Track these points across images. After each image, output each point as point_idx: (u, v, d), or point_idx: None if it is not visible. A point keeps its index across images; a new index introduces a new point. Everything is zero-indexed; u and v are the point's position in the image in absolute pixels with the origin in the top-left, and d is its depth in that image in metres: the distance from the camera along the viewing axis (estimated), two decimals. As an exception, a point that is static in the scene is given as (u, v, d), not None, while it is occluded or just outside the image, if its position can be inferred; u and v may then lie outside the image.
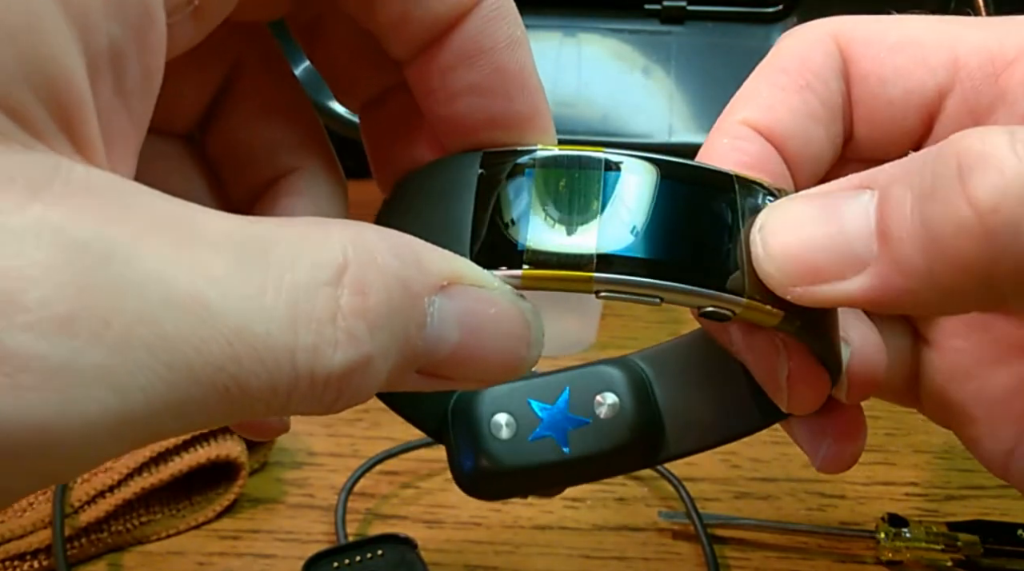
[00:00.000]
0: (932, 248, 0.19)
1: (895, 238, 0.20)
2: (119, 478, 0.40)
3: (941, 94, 0.26)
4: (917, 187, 0.19)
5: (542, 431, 0.30)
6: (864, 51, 0.27)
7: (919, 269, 0.19)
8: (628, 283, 0.21)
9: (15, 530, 0.38)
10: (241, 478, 0.42)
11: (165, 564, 0.40)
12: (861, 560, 0.40)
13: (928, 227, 0.19)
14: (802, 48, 0.27)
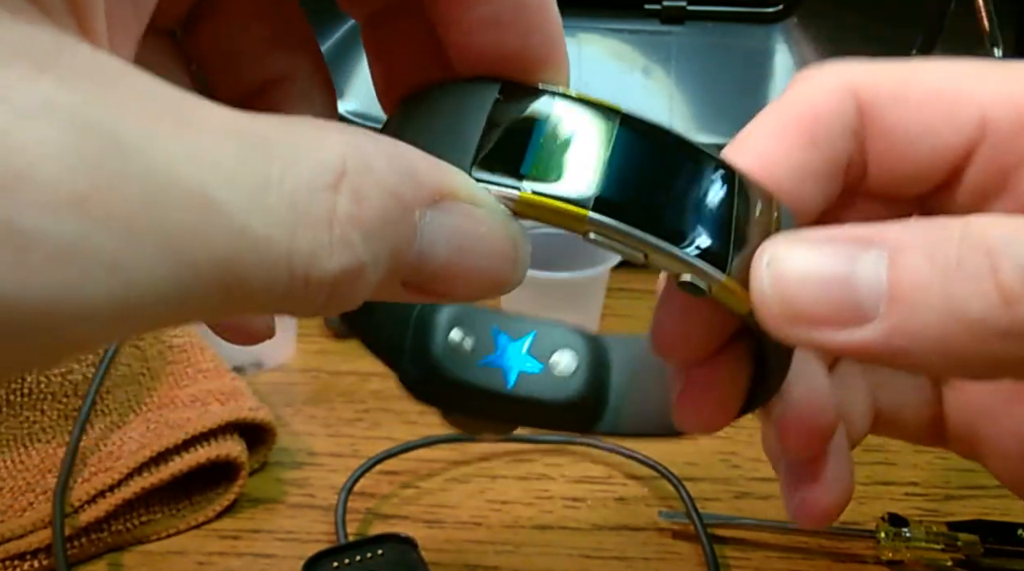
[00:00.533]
0: (953, 324, 0.20)
1: (909, 304, 0.20)
2: (119, 477, 0.40)
3: (969, 151, 0.25)
4: (940, 263, 0.20)
5: (494, 360, 0.30)
6: (889, 107, 0.26)
7: (930, 339, 0.20)
8: (619, 231, 0.21)
9: (15, 530, 0.38)
10: (241, 478, 0.42)
11: (165, 564, 0.40)
12: (861, 560, 0.40)
13: (952, 305, 0.20)
14: (817, 100, 0.26)
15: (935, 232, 0.20)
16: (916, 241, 0.20)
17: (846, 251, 0.21)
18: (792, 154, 0.25)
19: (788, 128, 0.26)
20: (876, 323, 0.20)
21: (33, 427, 0.41)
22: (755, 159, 0.25)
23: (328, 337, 0.55)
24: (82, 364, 0.42)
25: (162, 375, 0.45)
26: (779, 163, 0.26)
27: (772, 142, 0.26)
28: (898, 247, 0.21)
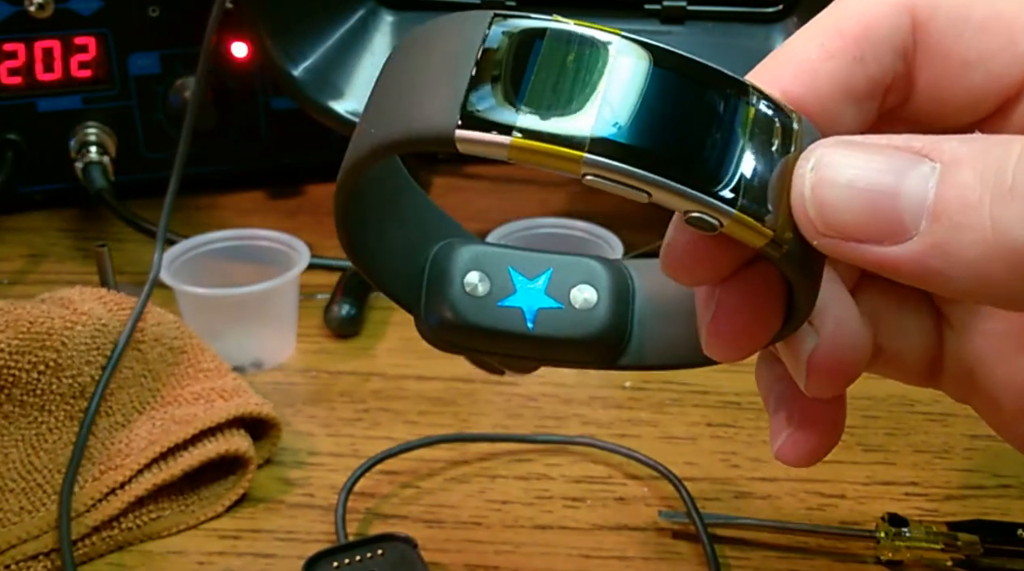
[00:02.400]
0: (995, 249, 0.19)
1: (953, 224, 0.19)
2: (130, 475, 0.40)
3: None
4: (991, 182, 0.19)
5: (513, 301, 0.29)
6: (947, 28, 0.24)
7: (967, 261, 0.19)
8: (618, 170, 0.21)
9: (31, 530, 0.39)
10: (250, 471, 0.43)
11: (165, 563, 0.40)
12: (861, 560, 0.40)
13: (997, 229, 0.19)
14: (871, 13, 0.25)
15: (994, 149, 0.20)
16: (973, 157, 0.20)
17: (899, 161, 0.20)
18: (835, 69, 0.24)
19: (834, 40, 0.25)
20: (916, 240, 0.20)
21: (40, 428, 0.41)
22: (795, 71, 0.24)
23: (328, 337, 0.55)
24: (91, 366, 0.42)
25: (164, 376, 0.45)
26: (820, 77, 0.24)
27: (816, 54, 0.25)
28: (953, 162, 0.20)
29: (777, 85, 0.24)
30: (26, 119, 0.65)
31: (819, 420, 0.27)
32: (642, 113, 0.21)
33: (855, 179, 0.20)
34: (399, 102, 0.23)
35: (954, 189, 0.19)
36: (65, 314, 0.42)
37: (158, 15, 0.66)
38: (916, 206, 0.20)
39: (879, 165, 0.20)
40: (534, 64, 0.21)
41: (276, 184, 0.73)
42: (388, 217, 0.30)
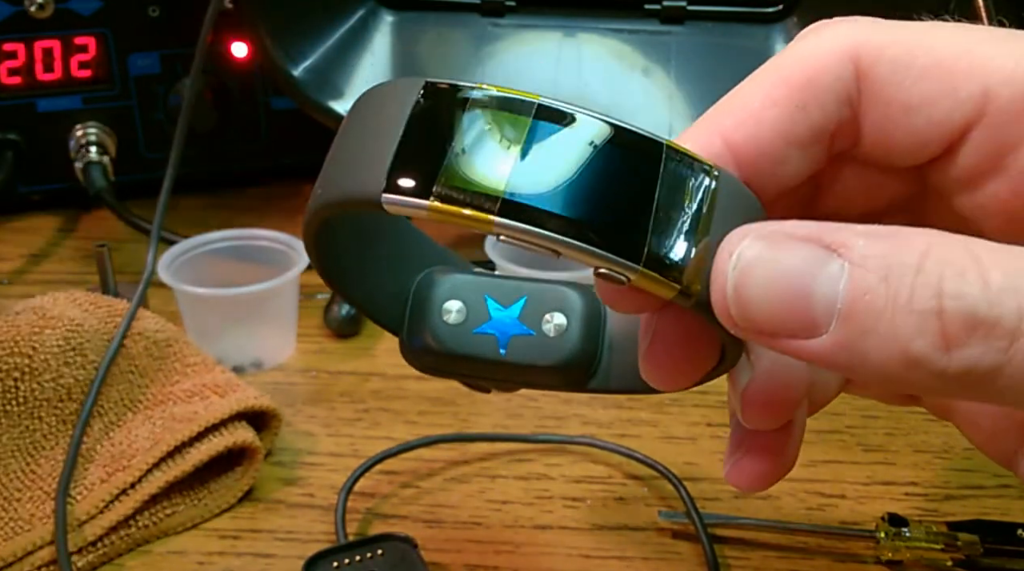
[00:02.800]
0: (897, 357, 0.21)
1: (860, 329, 0.21)
2: (139, 475, 0.41)
3: (967, 126, 0.25)
4: (894, 291, 0.20)
5: (487, 328, 0.31)
6: (890, 76, 0.25)
7: (873, 362, 0.21)
8: (526, 232, 0.22)
9: (44, 536, 0.39)
10: (257, 462, 0.43)
11: (165, 563, 0.40)
12: (861, 560, 0.40)
13: (899, 339, 0.20)
14: (814, 62, 0.25)
15: (896, 254, 0.21)
16: (877, 261, 0.21)
17: (812, 258, 0.21)
18: (778, 117, 0.25)
19: (778, 89, 0.25)
20: (827, 337, 0.21)
21: (35, 435, 0.42)
22: (738, 120, 0.25)
23: (328, 337, 0.55)
24: (71, 367, 0.42)
25: (151, 371, 0.45)
26: (762, 125, 0.25)
27: (759, 103, 0.25)
28: (860, 263, 0.21)
29: (719, 132, 0.25)
30: (26, 119, 0.65)
31: (766, 448, 0.28)
32: (555, 176, 0.22)
33: (772, 281, 0.22)
34: (340, 166, 0.25)
35: (860, 295, 0.21)
36: (33, 320, 0.42)
37: (158, 15, 0.66)
38: (827, 307, 0.21)
39: (794, 264, 0.21)
40: (456, 130, 0.23)
41: (276, 184, 0.73)
42: (368, 247, 0.31)
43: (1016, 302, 0.20)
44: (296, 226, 0.65)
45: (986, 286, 0.20)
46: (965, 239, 0.21)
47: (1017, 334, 0.20)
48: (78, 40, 0.65)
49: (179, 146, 0.58)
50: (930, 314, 0.20)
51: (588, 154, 0.23)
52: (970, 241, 0.21)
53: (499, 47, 0.62)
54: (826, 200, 0.29)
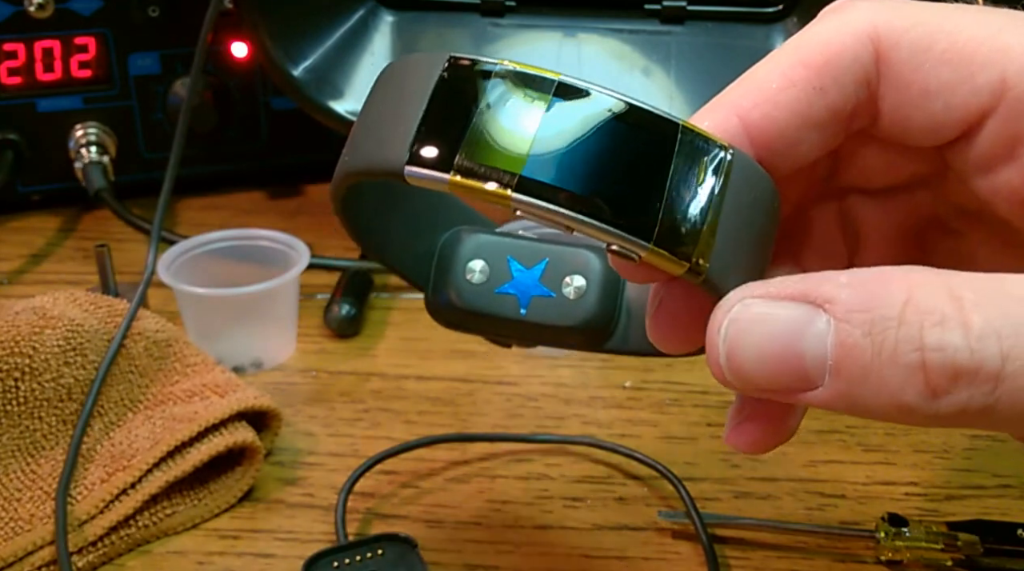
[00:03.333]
0: (890, 403, 0.21)
1: (851, 382, 0.22)
2: (139, 475, 0.41)
3: (984, 114, 0.25)
4: (879, 345, 0.21)
5: (509, 288, 0.33)
6: (909, 60, 0.25)
7: (871, 408, 0.22)
8: (541, 208, 0.23)
9: (44, 536, 0.39)
10: (257, 461, 0.43)
11: (165, 564, 0.40)
12: (861, 560, 0.40)
13: (888, 389, 0.21)
14: (833, 44, 0.25)
15: (878, 307, 0.21)
16: (860, 316, 0.21)
17: (799, 317, 0.22)
18: (795, 98, 0.25)
19: (796, 70, 0.25)
20: (823, 390, 0.22)
21: (35, 435, 0.42)
22: (756, 100, 0.25)
23: (328, 337, 0.55)
24: (71, 367, 0.42)
25: (151, 372, 0.45)
26: (779, 106, 0.25)
27: (777, 84, 0.25)
28: (844, 317, 0.22)
29: (736, 113, 0.25)
30: (26, 119, 0.65)
31: (768, 415, 0.28)
32: (571, 153, 0.23)
33: (762, 345, 0.22)
34: (365, 136, 0.25)
35: (847, 351, 0.22)
36: (33, 320, 0.42)
37: (158, 15, 0.66)
38: (818, 365, 0.22)
39: (782, 324, 0.22)
40: (477, 105, 0.23)
41: (276, 184, 0.73)
42: (395, 208, 0.32)
43: (997, 347, 0.20)
44: (296, 226, 0.65)
45: (967, 333, 0.21)
46: (948, 279, 0.22)
47: (1001, 377, 0.21)
48: (78, 40, 0.65)
49: (179, 146, 0.58)
50: (914, 367, 0.21)
51: (605, 132, 0.23)
52: (953, 280, 0.22)
53: (499, 47, 0.62)
54: (845, 175, 0.29)
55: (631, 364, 0.53)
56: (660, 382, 0.51)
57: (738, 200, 0.24)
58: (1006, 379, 0.21)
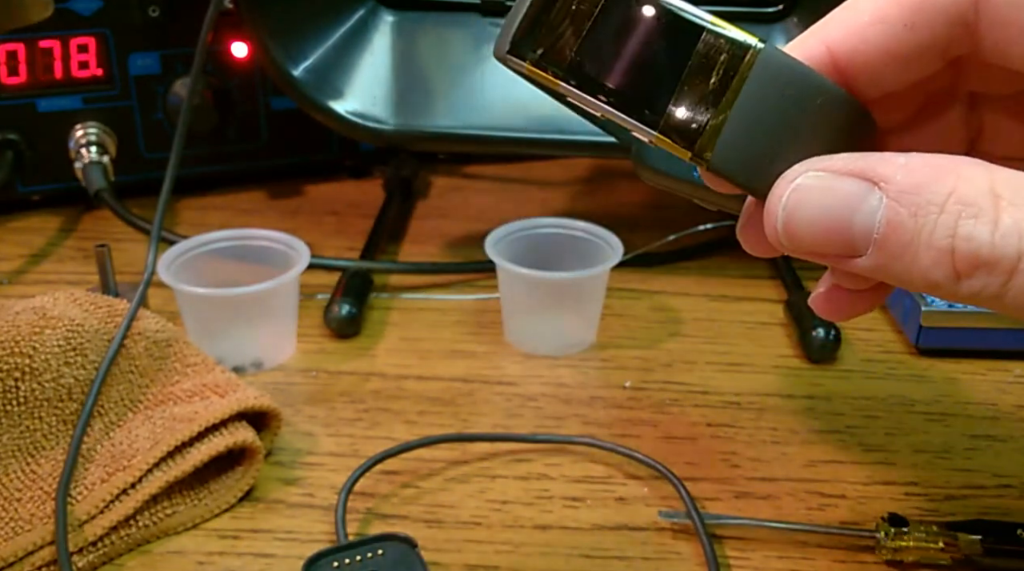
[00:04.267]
0: (921, 279, 0.25)
1: (891, 256, 0.25)
2: (139, 475, 0.41)
3: None
4: (920, 227, 0.24)
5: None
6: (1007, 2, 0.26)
7: (904, 279, 0.25)
8: (580, 97, 0.27)
9: (44, 536, 0.39)
10: (258, 462, 0.43)
11: (165, 564, 0.40)
12: (861, 560, 0.40)
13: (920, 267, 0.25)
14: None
15: (927, 192, 0.24)
16: (909, 197, 0.24)
17: (855, 192, 0.25)
18: (884, 33, 0.26)
19: (890, 6, 0.26)
20: (865, 259, 0.25)
21: (35, 435, 0.41)
22: (845, 33, 0.27)
23: (328, 337, 0.55)
24: (72, 367, 0.42)
25: (151, 371, 0.45)
26: (868, 40, 0.27)
27: (868, 17, 0.27)
28: (896, 197, 0.25)
29: (825, 42, 0.27)
30: (26, 119, 0.65)
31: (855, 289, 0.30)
32: (609, 52, 0.27)
33: (817, 217, 0.26)
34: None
35: (893, 226, 0.25)
36: (33, 320, 0.42)
37: (158, 15, 0.66)
38: (865, 236, 0.25)
39: (839, 197, 0.25)
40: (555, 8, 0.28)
41: (276, 184, 0.73)
42: None
43: (1017, 245, 0.24)
44: (296, 226, 0.65)
45: (994, 229, 0.24)
46: (994, 174, 0.24)
47: (1016, 272, 0.24)
48: (78, 40, 0.65)
49: (179, 146, 0.58)
50: (945, 250, 0.24)
51: (640, 32, 0.27)
52: (998, 177, 0.24)
53: (499, 47, 0.62)
54: (963, 85, 0.30)
55: (631, 364, 0.53)
56: (660, 382, 0.51)
57: (761, 93, 0.26)
58: (1019, 274, 0.24)
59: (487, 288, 0.59)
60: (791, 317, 0.55)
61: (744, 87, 0.26)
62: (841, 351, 0.53)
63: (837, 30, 0.27)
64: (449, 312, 0.58)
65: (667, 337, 0.55)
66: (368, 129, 0.60)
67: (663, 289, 0.60)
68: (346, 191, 0.72)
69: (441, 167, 0.76)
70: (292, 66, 0.59)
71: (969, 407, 0.49)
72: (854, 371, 0.52)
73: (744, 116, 0.26)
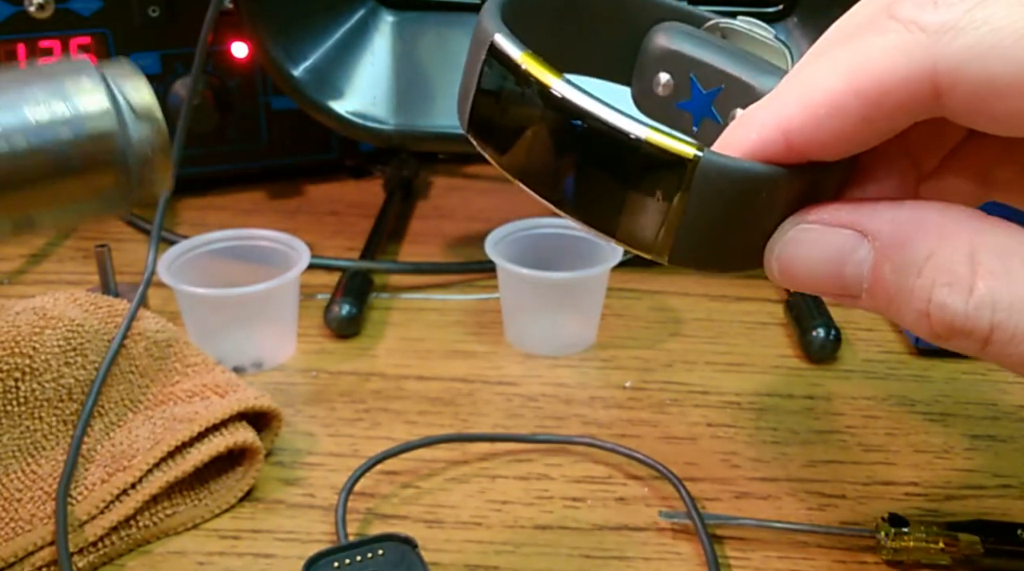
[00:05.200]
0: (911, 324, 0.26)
1: (882, 303, 0.26)
2: (139, 475, 0.41)
3: None
4: (902, 283, 0.25)
5: (687, 105, 0.35)
6: (970, 96, 0.24)
7: (901, 320, 0.26)
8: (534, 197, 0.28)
9: (45, 536, 0.39)
10: (258, 462, 0.43)
11: (165, 564, 0.40)
12: (861, 560, 0.40)
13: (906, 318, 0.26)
14: (890, 78, 0.24)
15: (908, 251, 0.25)
16: (893, 252, 0.25)
17: (844, 244, 0.26)
18: (841, 126, 0.25)
19: (847, 98, 0.25)
20: (862, 301, 0.26)
21: (35, 435, 0.41)
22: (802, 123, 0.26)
23: (328, 337, 0.55)
24: (72, 368, 0.42)
25: (151, 372, 0.45)
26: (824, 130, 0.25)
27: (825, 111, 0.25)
28: (882, 250, 0.25)
29: (781, 131, 0.26)
30: (26, 119, 0.65)
31: None
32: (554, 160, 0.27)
33: (812, 264, 0.27)
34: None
35: (878, 283, 0.26)
36: (33, 320, 0.42)
37: (158, 15, 0.66)
38: (857, 283, 0.26)
39: (830, 249, 0.26)
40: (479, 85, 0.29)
41: (276, 184, 0.73)
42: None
43: (989, 318, 0.24)
44: (296, 226, 0.65)
45: (968, 298, 0.24)
46: (975, 238, 0.24)
47: (988, 340, 0.24)
48: (78, 40, 0.65)
49: (179, 146, 0.58)
50: (922, 313, 0.25)
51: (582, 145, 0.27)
52: (980, 241, 0.24)
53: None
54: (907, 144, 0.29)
55: (631, 364, 0.53)
56: (660, 382, 0.51)
57: (706, 200, 0.26)
58: (993, 343, 0.24)
59: (487, 288, 0.59)
60: (791, 317, 0.55)
61: (688, 197, 0.26)
62: (841, 351, 0.53)
63: (793, 117, 0.26)
64: (449, 312, 0.58)
65: (667, 337, 0.55)
66: (368, 129, 0.60)
67: (663, 289, 0.60)
68: (346, 191, 0.72)
69: (441, 167, 0.76)
70: (292, 66, 0.59)
71: (969, 407, 0.49)
72: (854, 371, 0.52)
73: (693, 221, 0.26)
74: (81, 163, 0.31)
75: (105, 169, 0.31)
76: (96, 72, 0.31)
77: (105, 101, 0.31)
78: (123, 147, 0.31)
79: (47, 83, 0.31)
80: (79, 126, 0.31)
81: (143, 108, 0.32)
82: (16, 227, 0.31)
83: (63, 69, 0.31)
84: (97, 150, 0.31)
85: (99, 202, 0.32)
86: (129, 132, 0.31)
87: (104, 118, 0.31)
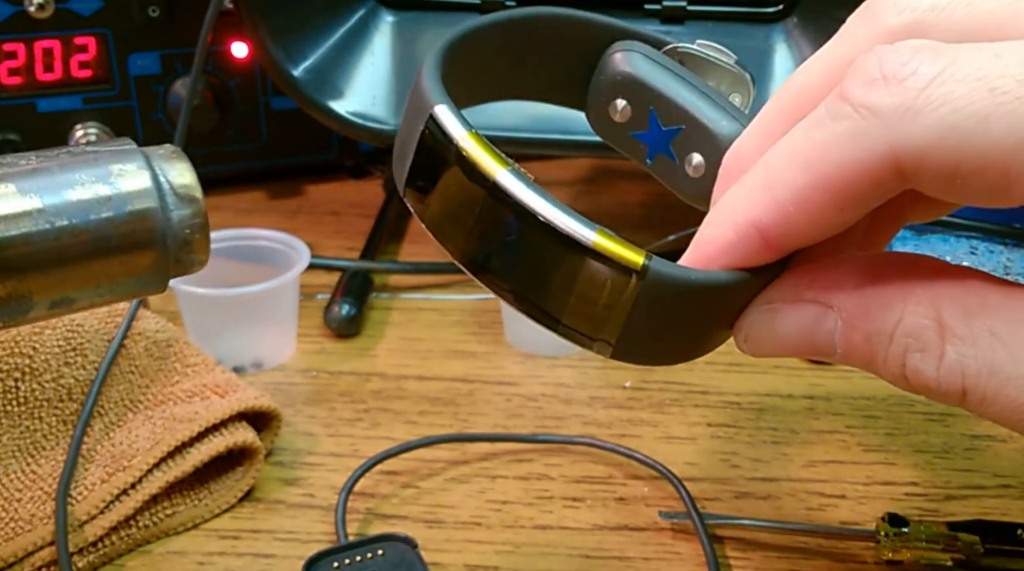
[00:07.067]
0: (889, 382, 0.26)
1: (858, 365, 0.27)
2: (139, 475, 0.41)
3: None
4: (875, 351, 0.26)
5: (643, 136, 0.34)
6: (935, 181, 0.23)
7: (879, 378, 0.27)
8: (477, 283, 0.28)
9: (45, 536, 0.39)
10: (258, 462, 0.43)
11: (165, 564, 0.40)
12: (861, 560, 0.40)
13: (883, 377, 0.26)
14: (854, 167, 0.24)
15: (877, 320, 0.25)
16: (862, 322, 0.26)
17: (813, 315, 0.26)
18: (811, 218, 0.25)
19: (813, 193, 0.25)
20: (837, 359, 0.27)
21: (35, 435, 0.42)
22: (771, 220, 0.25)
23: (328, 337, 0.55)
24: (72, 367, 0.43)
25: (151, 372, 0.45)
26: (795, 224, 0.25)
27: (794, 207, 0.25)
28: (849, 320, 0.26)
29: (756, 229, 0.26)
30: (26, 119, 0.65)
31: None
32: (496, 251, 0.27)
33: (778, 342, 0.27)
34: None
35: (852, 349, 0.26)
36: None
37: (158, 15, 0.66)
38: (829, 349, 0.26)
39: (794, 325, 0.27)
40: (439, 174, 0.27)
41: (276, 184, 0.73)
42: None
43: (960, 383, 0.25)
44: (296, 226, 0.65)
45: (939, 364, 0.25)
46: (943, 302, 0.25)
47: (963, 400, 0.25)
48: (78, 40, 0.65)
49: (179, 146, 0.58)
50: (899, 376, 0.26)
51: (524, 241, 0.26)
52: (948, 304, 0.25)
53: (499, 47, 0.62)
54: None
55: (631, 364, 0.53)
56: (660, 382, 0.51)
57: (651, 308, 0.26)
58: (968, 403, 0.25)
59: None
60: (791, 317, 0.55)
61: (635, 304, 0.25)
62: (841, 351, 0.53)
63: (763, 216, 0.26)
64: (449, 312, 0.58)
65: (667, 337, 0.55)
66: (368, 129, 0.60)
67: (663, 289, 0.60)
68: (346, 191, 0.72)
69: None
70: (292, 66, 0.59)
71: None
72: (854, 371, 0.52)
73: (638, 325, 0.26)
74: (120, 243, 0.31)
75: (144, 249, 0.31)
76: (140, 154, 0.32)
77: (147, 180, 0.31)
78: (163, 227, 0.31)
79: (91, 164, 0.31)
80: (120, 205, 0.31)
81: (184, 189, 0.32)
82: (53, 305, 0.31)
83: (107, 149, 0.31)
84: (137, 230, 0.31)
85: (136, 282, 0.32)
86: (170, 213, 0.31)
87: (145, 197, 0.31)
